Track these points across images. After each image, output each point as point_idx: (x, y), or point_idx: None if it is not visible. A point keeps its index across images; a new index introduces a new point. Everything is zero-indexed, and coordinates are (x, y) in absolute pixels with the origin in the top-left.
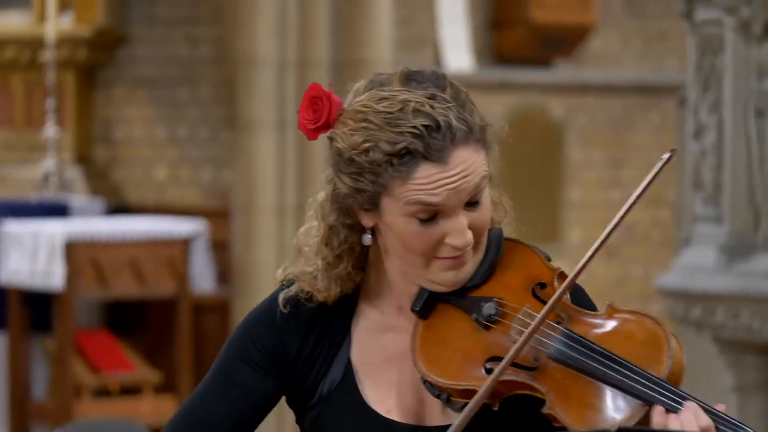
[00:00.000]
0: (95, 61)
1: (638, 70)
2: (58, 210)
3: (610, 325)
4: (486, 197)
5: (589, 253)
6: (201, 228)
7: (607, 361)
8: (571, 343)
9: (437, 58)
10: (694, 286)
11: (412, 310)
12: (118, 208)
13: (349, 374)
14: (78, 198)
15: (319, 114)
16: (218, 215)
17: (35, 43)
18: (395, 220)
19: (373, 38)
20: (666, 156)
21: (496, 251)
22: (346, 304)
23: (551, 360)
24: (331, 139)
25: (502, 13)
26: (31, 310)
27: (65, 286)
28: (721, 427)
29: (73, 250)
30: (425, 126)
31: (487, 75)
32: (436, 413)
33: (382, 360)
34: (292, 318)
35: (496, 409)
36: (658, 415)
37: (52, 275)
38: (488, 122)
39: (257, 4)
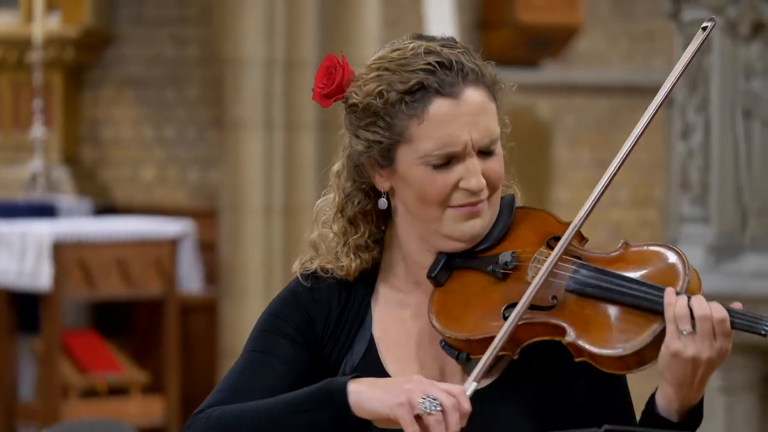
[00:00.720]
0: (82, 62)
1: (625, 70)
2: (45, 210)
3: (625, 256)
4: (500, 151)
5: (607, 176)
6: (188, 228)
7: (623, 282)
8: (587, 272)
9: None
10: None
11: (428, 276)
12: (106, 208)
13: (371, 349)
14: (65, 198)
15: (332, 79)
16: (206, 216)
17: (22, 44)
18: (410, 170)
19: (361, 38)
20: (708, 24)
21: (509, 214)
22: (365, 282)
23: (569, 293)
24: (345, 101)
25: (489, 14)
26: (19, 311)
27: (53, 287)
28: (737, 320)
29: (60, 250)
30: (438, 62)
31: None
32: (457, 380)
33: (402, 335)
34: (316, 293)
35: (516, 358)
36: (676, 297)
37: (39, 275)
38: (501, 80)
39: (244, 4)
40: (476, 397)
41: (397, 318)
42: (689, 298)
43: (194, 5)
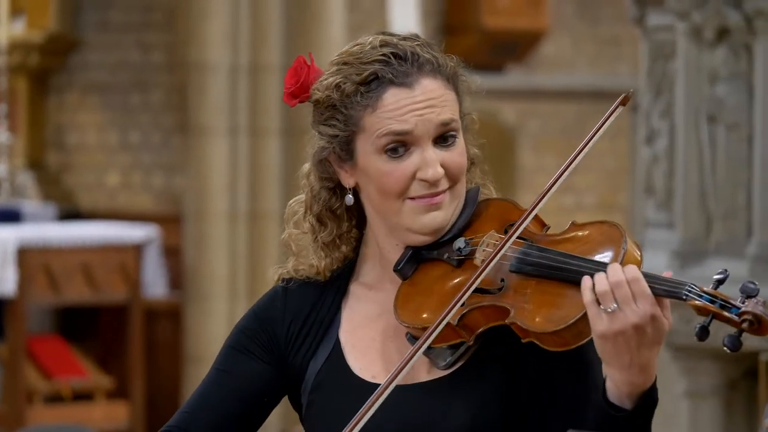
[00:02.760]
0: (47, 67)
1: (590, 75)
2: (10, 216)
3: (571, 234)
4: (460, 143)
5: (551, 182)
6: (153, 234)
7: (559, 258)
8: (530, 251)
9: None
10: None
11: (395, 269)
12: (71, 213)
13: (336, 351)
14: (30, 204)
15: (298, 78)
16: (170, 221)
17: None
18: (368, 161)
19: (326, 44)
20: (620, 99)
21: (472, 206)
22: (337, 284)
23: (513, 273)
24: (310, 99)
25: (454, 19)
26: None
27: (17, 292)
28: (655, 285)
29: (25, 255)
30: (392, 54)
31: None
32: (422, 372)
33: (370, 333)
34: (285, 295)
35: (471, 344)
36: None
37: (4, 281)
38: (463, 74)
39: (209, 10)
40: (439, 385)
41: (366, 316)
42: (608, 271)
43: (159, 11)
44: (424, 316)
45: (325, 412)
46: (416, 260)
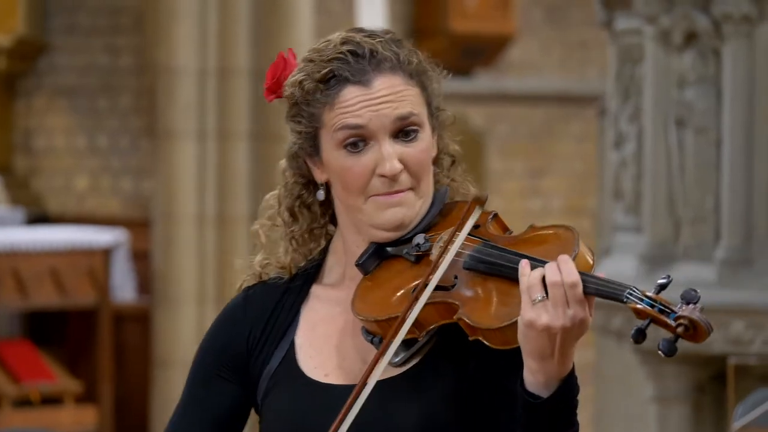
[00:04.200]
0: (15, 71)
1: (559, 79)
2: None
3: (527, 236)
4: (424, 138)
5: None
6: (122, 238)
7: (509, 256)
8: (484, 248)
9: None
10: None
11: (356, 263)
12: (39, 217)
13: (289, 354)
14: None
15: (275, 74)
16: (139, 225)
17: None
18: (330, 156)
19: (294, 47)
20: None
21: (439, 205)
22: (301, 286)
23: (465, 271)
24: (284, 95)
25: (422, 23)
26: None
27: None
28: (591, 285)
29: None
30: (350, 51)
31: None
32: (377, 370)
33: (328, 331)
34: (246, 304)
35: (423, 340)
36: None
37: None
38: (430, 70)
39: (177, 13)
40: (392, 383)
41: (326, 315)
42: (545, 268)
43: (127, 14)
44: (378, 308)
45: (278, 415)
46: (379, 256)
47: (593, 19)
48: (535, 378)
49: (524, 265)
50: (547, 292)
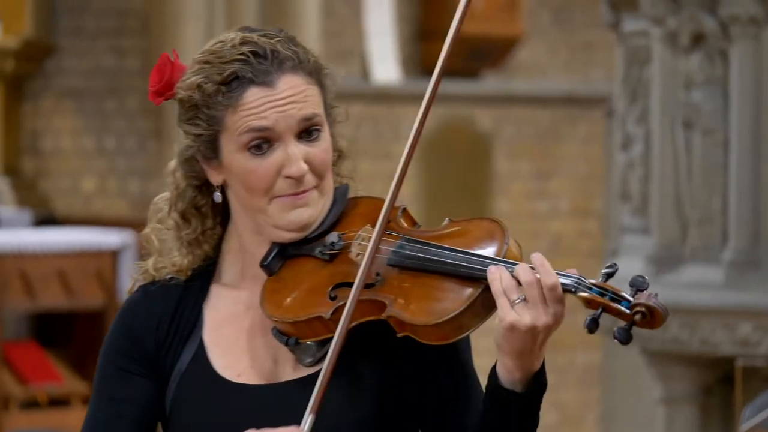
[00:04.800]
0: (23, 73)
1: (566, 81)
2: None
3: (448, 230)
4: (325, 137)
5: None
6: (129, 239)
7: (441, 251)
8: (407, 244)
9: (365, 70)
10: None
11: (261, 265)
12: (46, 219)
13: (200, 352)
14: (5, 209)
15: (161, 76)
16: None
17: None
18: (233, 159)
19: None
20: None
21: (342, 203)
22: (197, 286)
23: (390, 267)
24: (175, 98)
25: (429, 25)
26: None
27: None
28: (565, 281)
29: (0, 261)
30: (252, 52)
31: (415, 87)
32: (288, 369)
33: (234, 331)
34: (143, 304)
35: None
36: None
37: None
38: (325, 66)
39: (184, 15)
40: (306, 383)
41: (230, 315)
42: (513, 268)
43: (134, 17)
44: (296, 309)
45: (190, 414)
46: (283, 256)
47: (600, 21)
48: (512, 375)
49: (492, 270)
50: (519, 293)
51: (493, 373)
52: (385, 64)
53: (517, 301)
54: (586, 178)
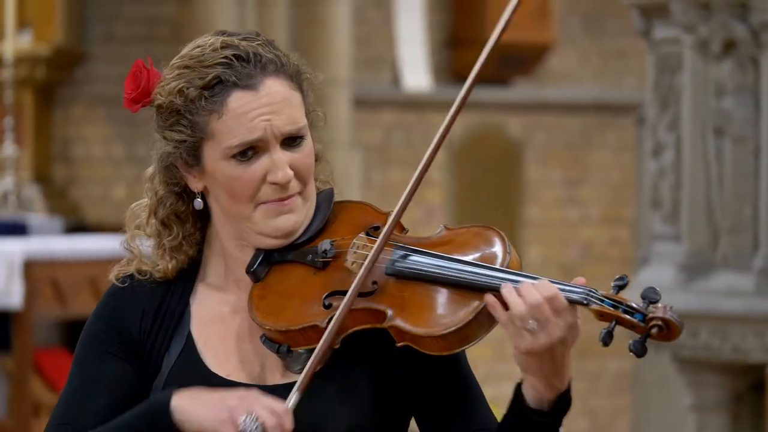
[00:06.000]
0: (54, 80)
1: (596, 88)
2: (16, 229)
3: (446, 238)
4: (308, 143)
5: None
6: None
7: (441, 262)
8: (406, 254)
9: (395, 77)
10: None
11: (247, 271)
12: (77, 226)
13: (189, 346)
14: (36, 216)
15: (138, 83)
16: None
17: None
18: (216, 166)
19: (332, 58)
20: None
21: (327, 208)
22: (184, 279)
23: (388, 276)
24: (152, 104)
25: (460, 32)
26: None
27: (24, 305)
28: (569, 294)
29: (31, 268)
30: (235, 56)
31: (445, 94)
32: (276, 375)
33: (222, 332)
34: (130, 292)
35: (337, 347)
36: (505, 295)
37: (10, 294)
38: (306, 71)
39: (215, 23)
40: (305, 390)
41: (216, 315)
42: (519, 288)
43: (165, 24)
44: (288, 317)
45: None
46: (268, 262)
47: (631, 29)
48: (539, 395)
49: (489, 298)
50: (532, 319)
51: (517, 393)
52: (416, 72)
53: (534, 327)
54: (616, 185)
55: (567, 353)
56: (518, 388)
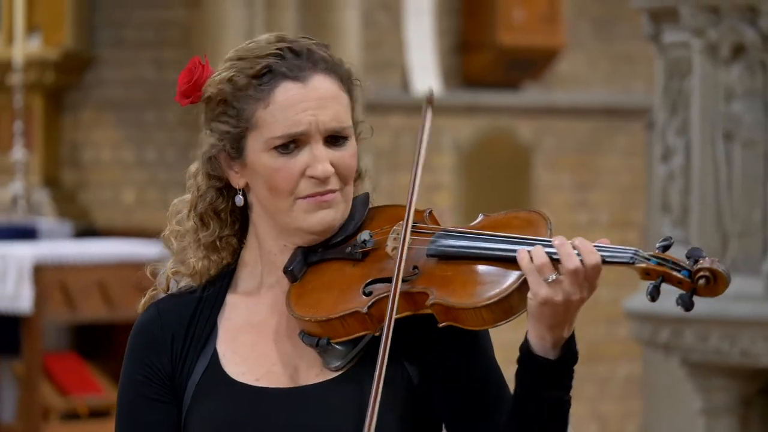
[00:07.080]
0: (63, 84)
1: (606, 92)
2: (26, 233)
3: (485, 223)
4: (352, 144)
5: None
6: None
7: (484, 237)
8: (448, 234)
9: (405, 82)
10: (662, 308)
11: (285, 270)
12: (86, 231)
13: (214, 361)
14: (46, 221)
15: (191, 77)
16: None
17: (2, 66)
18: (258, 158)
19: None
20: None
21: (363, 210)
22: (215, 297)
23: (429, 258)
24: (203, 98)
25: (469, 37)
26: None
27: (34, 309)
28: (616, 257)
29: (41, 273)
30: (288, 48)
31: (455, 98)
32: (310, 375)
33: (251, 337)
34: (156, 321)
35: (378, 334)
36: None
37: (20, 298)
38: (357, 77)
39: (224, 27)
40: (328, 388)
41: (246, 323)
42: (550, 249)
43: (174, 28)
44: (328, 307)
45: (209, 423)
46: (306, 262)
47: (640, 33)
48: (544, 342)
49: (521, 252)
50: (557, 269)
51: (524, 343)
52: (426, 76)
53: (552, 279)
54: (626, 189)
55: (579, 309)
56: (526, 340)
